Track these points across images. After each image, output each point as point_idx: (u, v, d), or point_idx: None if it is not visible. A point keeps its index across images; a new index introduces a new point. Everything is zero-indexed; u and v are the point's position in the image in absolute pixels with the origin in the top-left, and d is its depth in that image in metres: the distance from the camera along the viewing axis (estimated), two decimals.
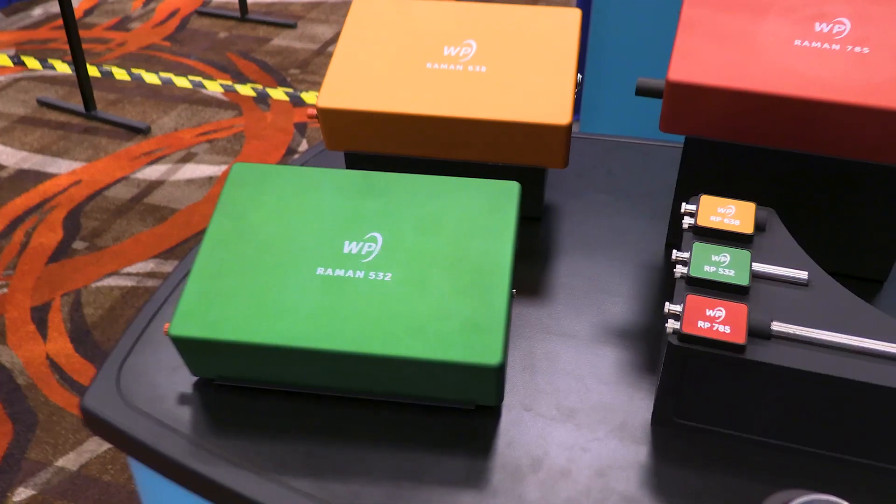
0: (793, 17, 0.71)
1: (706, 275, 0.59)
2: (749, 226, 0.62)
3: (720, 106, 0.67)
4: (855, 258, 0.74)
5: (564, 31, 0.81)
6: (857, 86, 0.65)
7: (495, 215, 0.64)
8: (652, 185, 0.88)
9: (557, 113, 0.74)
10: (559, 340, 0.69)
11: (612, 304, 0.73)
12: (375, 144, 0.78)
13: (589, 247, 0.79)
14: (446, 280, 0.60)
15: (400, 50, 0.80)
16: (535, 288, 0.75)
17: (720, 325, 0.56)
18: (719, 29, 0.70)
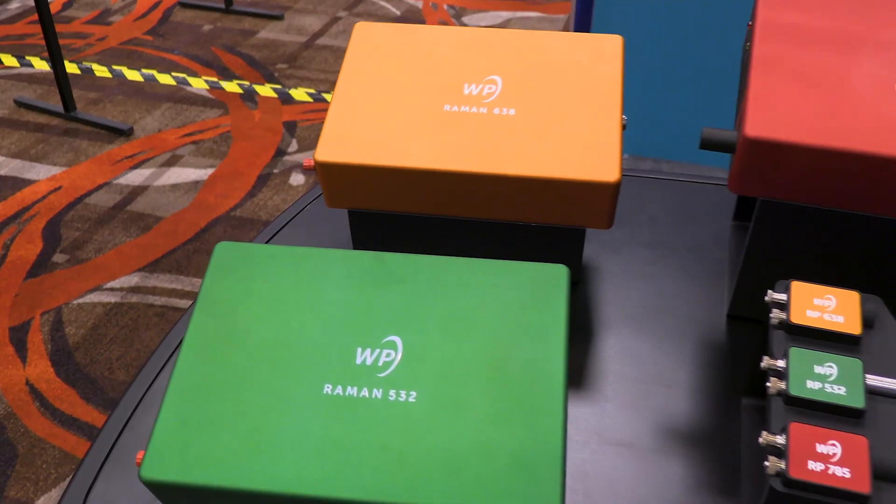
0: (889, 54, 0.58)
1: (810, 393, 0.47)
2: (856, 323, 0.51)
3: (808, 166, 0.55)
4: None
5: (604, 62, 0.69)
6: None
7: (541, 310, 0.52)
8: (701, 236, 0.76)
9: (603, 167, 0.62)
10: (616, 452, 0.57)
11: (672, 399, 0.61)
12: (385, 202, 0.66)
13: (636, 319, 0.67)
14: (485, 400, 0.49)
15: (411, 89, 0.68)
16: (580, 376, 0.63)
17: (836, 467, 0.44)
18: (803, 69, 0.58)
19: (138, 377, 0.64)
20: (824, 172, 0.55)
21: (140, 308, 1.88)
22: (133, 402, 0.61)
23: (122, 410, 0.60)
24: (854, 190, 0.56)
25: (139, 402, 0.61)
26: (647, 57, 2.04)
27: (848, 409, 0.47)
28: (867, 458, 0.45)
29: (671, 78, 2.04)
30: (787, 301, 0.52)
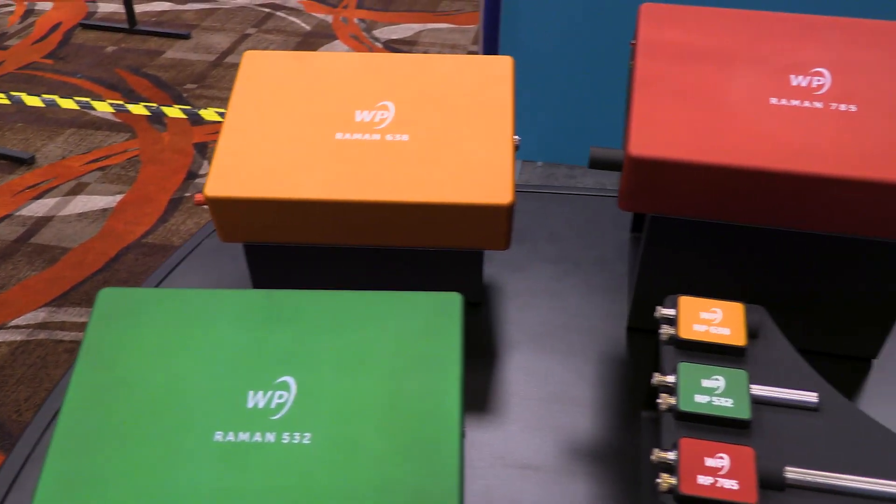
0: (765, 69, 0.60)
1: (698, 407, 0.48)
2: (741, 335, 0.52)
3: (692, 181, 0.57)
4: (844, 337, 0.65)
5: (495, 83, 0.69)
6: (847, 154, 0.55)
7: (436, 339, 0.52)
8: (604, 249, 0.77)
9: (496, 190, 0.62)
10: (521, 475, 0.57)
11: (575, 416, 0.61)
12: (280, 235, 0.65)
13: (539, 338, 0.68)
14: (381, 436, 0.48)
15: (302, 118, 0.67)
16: (483, 399, 0.63)
17: (725, 480, 0.45)
18: (683, 87, 0.60)
19: (35, 419, 0.61)
20: (707, 187, 0.57)
21: (48, 345, 1.80)
22: (29, 445, 0.59)
23: (17, 455, 0.58)
24: (736, 202, 0.57)
25: (33, 449, 0.59)
26: (558, 63, 2.07)
27: (735, 420, 0.48)
28: (754, 469, 0.46)
29: (581, 84, 2.08)
30: (675, 316, 0.53)
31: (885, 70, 0.60)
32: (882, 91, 0.58)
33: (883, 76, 0.59)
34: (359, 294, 0.55)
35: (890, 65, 0.60)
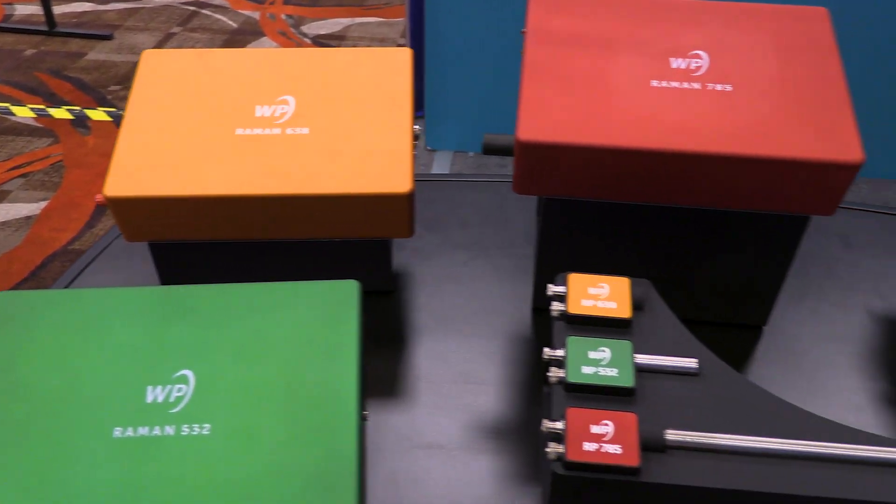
0: (646, 53, 0.63)
1: (585, 378, 0.51)
2: (626, 308, 0.54)
3: (578, 163, 0.59)
4: (734, 306, 0.68)
5: (395, 75, 0.70)
6: (722, 131, 0.58)
7: (333, 327, 0.53)
8: (510, 234, 0.79)
9: (396, 179, 0.63)
10: (425, 455, 0.59)
11: (481, 396, 0.63)
12: (184, 232, 0.65)
13: (448, 322, 0.70)
14: (279, 423, 0.49)
15: (202, 115, 0.67)
16: (391, 385, 0.64)
17: (609, 445, 0.47)
18: (568, 71, 0.62)
19: None
20: (594, 168, 0.59)
21: None
22: None
23: None
24: (622, 182, 0.59)
25: None
26: (485, 54, 2.09)
27: (620, 388, 0.50)
28: (636, 433, 0.48)
29: (509, 74, 2.10)
30: (565, 293, 0.55)
31: (757, 51, 0.63)
32: (755, 71, 0.61)
33: (756, 56, 0.62)
34: (257, 286, 0.56)
35: (762, 45, 0.63)
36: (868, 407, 0.63)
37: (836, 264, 0.77)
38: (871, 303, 0.73)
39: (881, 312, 0.71)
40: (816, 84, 0.60)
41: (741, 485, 0.47)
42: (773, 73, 0.61)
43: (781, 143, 0.57)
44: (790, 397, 0.63)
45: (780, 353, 0.68)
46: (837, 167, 0.56)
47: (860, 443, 0.48)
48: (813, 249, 0.78)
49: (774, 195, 0.59)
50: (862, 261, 0.77)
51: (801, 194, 0.59)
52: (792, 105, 0.59)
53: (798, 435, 0.49)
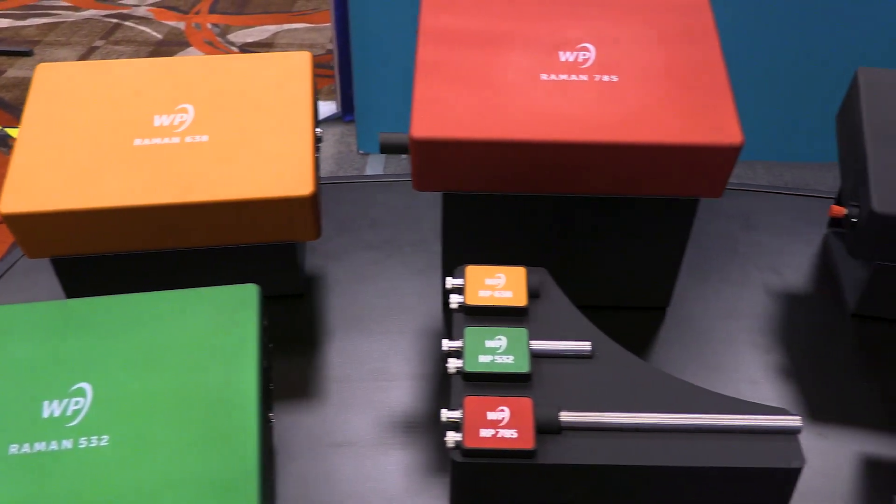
0: (536, 48, 0.64)
1: (482, 367, 0.52)
2: (522, 296, 0.56)
3: (473, 158, 0.60)
4: (635, 289, 0.71)
5: (294, 79, 0.71)
6: (609, 121, 0.59)
7: (232, 332, 0.53)
8: (421, 231, 0.80)
9: (297, 182, 0.64)
10: (336, 453, 0.59)
11: (393, 392, 0.64)
12: (85, 246, 0.65)
13: (359, 322, 0.70)
14: (180, 431, 0.49)
15: (99, 127, 0.67)
16: (301, 387, 0.65)
17: (505, 430, 0.49)
18: (460, 69, 0.63)
19: None
20: (488, 162, 0.60)
21: None
22: None
23: None
24: (516, 174, 0.61)
25: None
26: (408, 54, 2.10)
27: (516, 375, 0.52)
28: (531, 417, 0.49)
29: None
30: (463, 285, 0.56)
31: (642, 41, 0.65)
32: (640, 61, 0.63)
33: (640, 47, 0.64)
34: (155, 294, 0.56)
35: (646, 36, 0.65)
36: (764, 380, 0.66)
37: (737, 244, 0.80)
38: (768, 280, 0.75)
39: (778, 288, 0.74)
40: (698, 72, 0.63)
41: (632, 460, 0.48)
42: (656, 63, 0.63)
43: (665, 129, 0.59)
44: (692, 374, 0.66)
45: (683, 332, 0.70)
46: (719, 150, 0.59)
47: (744, 412, 0.50)
48: (716, 231, 0.81)
49: (663, 180, 0.61)
50: (762, 240, 0.80)
51: (688, 178, 0.61)
52: (675, 93, 0.61)
53: (687, 409, 0.50)
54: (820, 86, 1.99)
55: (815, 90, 2.00)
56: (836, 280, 0.75)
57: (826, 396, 0.65)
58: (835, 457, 0.60)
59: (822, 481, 0.59)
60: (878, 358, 0.67)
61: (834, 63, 1.95)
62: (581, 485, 0.50)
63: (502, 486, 0.50)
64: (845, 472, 0.59)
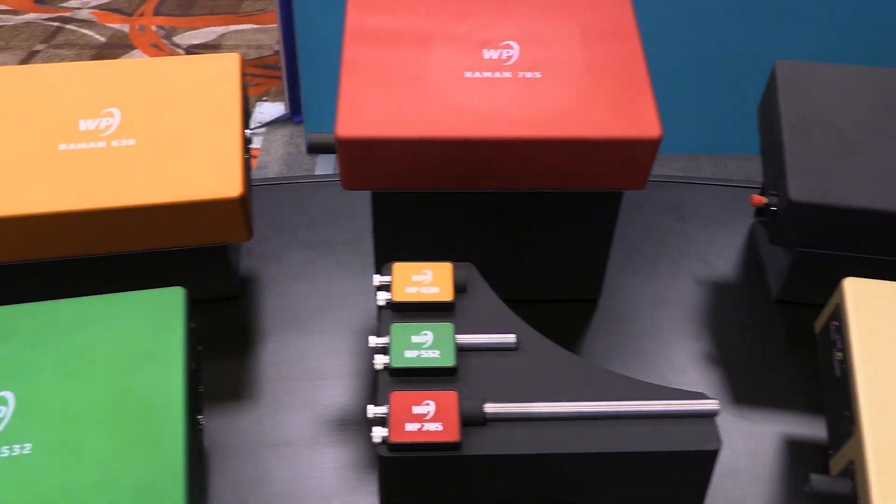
0: (460, 46, 0.65)
1: (409, 362, 0.52)
2: (448, 291, 0.56)
3: (399, 156, 0.61)
4: (565, 282, 0.72)
5: (222, 81, 0.71)
6: (533, 117, 0.60)
7: (158, 335, 0.53)
8: (357, 230, 0.80)
9: (226, 184, 0.64)
10: (270, 452, 0.60)
11: (328, 391, 0.65)
12: (13, 253, 0.64)
13: (295, 322, 0.70)
14: (105, 436, 0.49)
15: (22, 132, 0.66)
16: (236, 388, 0.65)
17: (431, 424, 0.49)
18: (385, 68, 0.63)
19: None
20: (414, 160, 0.61)
21: None
22: None
23: None
24: (443, 171, 0.62)
25: None
26: None
27: (442, 369, 0.52)
28: (457, 410, 0.50)
29: None
30: (390, 282, 0.57)
31: (564, 39, 0.66)
32: (562, 58, 0.65)
33: (563, 44, 0.66)
34: (80, 300, 0.55)
35: (569, 33, 0.66)
36: (691, 367, 0.68)
37: (668, 236, 0.82)
38: (697, 269, 0.77)
39: (706, 278, 0.76)
40: (619, 68, 0.64)
41: (554, 448, 0.49)
42: (578, 60, 0.64)
43: (587, 124, 0.60)
44: (621, 364, 0.67)
45: (614, 323, 0.72)
46: (639, 143, 0.60)
47: (664, 398, 0.52)
48: (647, 223, 0.83)
49: (587, 174, 0.62)
50: (691, 231, 0.82)
51: (611, 171, 0.62)
52: (596, 88, 0.63)
53: (608, 397, 0.52)
54: (763, 79, 2.04)
55: (758, 84, 2.05)
56: (761, 268, 0.77)
57: (750, 381, 0.67)
58: (759, 439, 0.62)
59: (747, 462, 0.61)
60: (801, 342, 0.70)
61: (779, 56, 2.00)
62: (507, 475, 0.51)
63: (430, 480, 0.51)
64: (769, 453, 0.61)
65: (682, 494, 0.53)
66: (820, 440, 0.62)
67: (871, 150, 0.67)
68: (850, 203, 0.64)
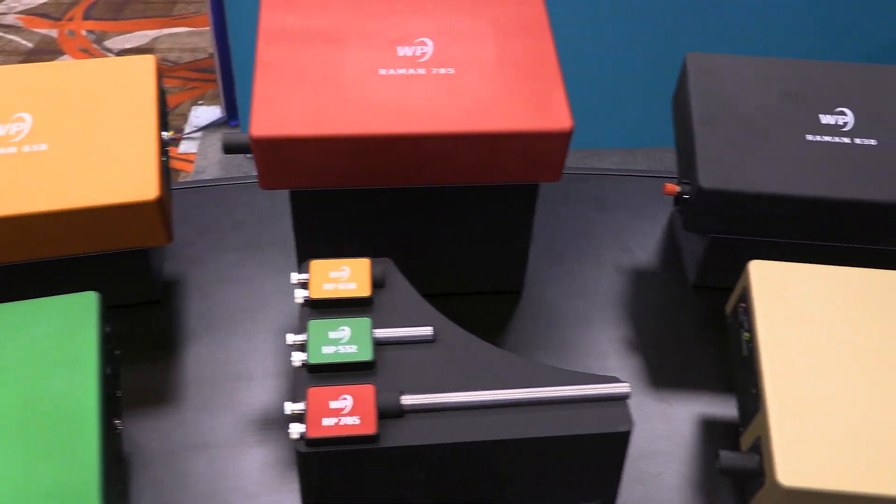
0: (374, 44, 0.66)
1: (326, 358, 0.53)
2: (366, 287, 0.57)
3: (315, 155, 0.61)
4: (488, 275, 0.73)
5: (137, 83, 0.70)
6: (447, 112, 0.61)
7: (71, 341, 0.53)
8: (283, 230, 0.80)
9: (142, 187, 0.63)
10: (193, 454, 0.59)
11: (252, 390, 0.64)
12: None
13: (220, 324, 0.70)
14: (17, 444, 0.48)
15: None
16: (159, 392, 0.64)
17: (348, 418, 0.50)
18: (300, 67, 0.64)
19: None
20: (330, 158, 0.61)
21: None
22: None
23: None
24: (359, 168, 0.62)
25: None
26: None
27: (359, 363, 0.53)
28: (374, 403, 0.51)
29: None
30: (308, 279, 0.57)
31: (478, 35, 0.67)
32: (476, 53, 0.66)
33: (476, 40, 0.67)
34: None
35: (482, 30, 0.67)
36: (612, 353, 0.69)
37: (591, 226, 0.83)
38: (619, 258, 0.79)
39: (627, 266, 0.78)
40: (531, 62, 0.65)
41: (470, 437, 0.50)
42: (491, 55, 0.66)
43: (500, 118, 0.61)
44: (545, 353, 0.68)
45: (537, 313, 0.73)
46: (551, 135, 0.61)
47: (577, 383, 0.53)
48: (570, 214, 0.84)
49: (502, 167, 0.63)
50: (614, 221, 0.84)
51: (525, 164, 0.63)
52: (509, 83, 0.64)
53: (524, 384, 0.53)
54: None
55: None
56: (679, 255, 0.79)
57: (668, 364, 0.69)
58: (675, 420, 0.64)
59: (665, 443, 0.63)
60: (716, 325, 0.72)
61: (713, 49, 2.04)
62: (426, 466, 0.51)
63: (350, 474, 0.51)
64: (684, 433, 0.63)
65: (598, 476, 0.55)
66: (733, 419, 0.64)
67: (776, 138, 0.69)
68: (758, 189, 0.67)
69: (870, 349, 0.56)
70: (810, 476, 0.51)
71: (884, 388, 0.54)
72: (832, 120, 0.71)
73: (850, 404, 0.53)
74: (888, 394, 0.54)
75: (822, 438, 0.52)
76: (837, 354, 0.56)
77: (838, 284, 0.60)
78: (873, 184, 0.67)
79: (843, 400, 0.54)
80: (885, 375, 0.55)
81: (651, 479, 0.60)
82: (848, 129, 0.70)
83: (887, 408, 0.53)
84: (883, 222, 0.68)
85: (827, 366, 0.55)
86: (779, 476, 0.51)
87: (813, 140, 0.69)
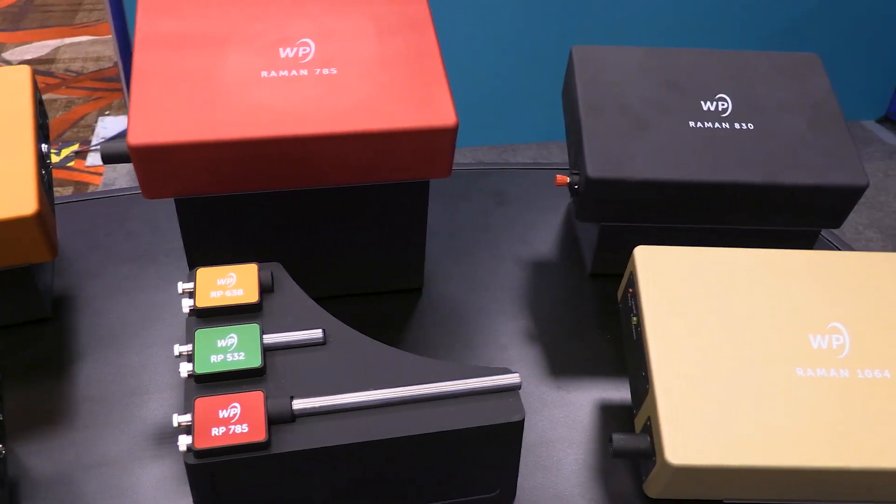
0: (255, 47, 0.65)
1: (213, 367, 0.52)
2: (254, 293, 0.56)
3: (197, 161, 0.60)
4: (386, 275, 0.73)
5: (13, 95, 0.67)
6: (331, 113, 0.61)
7: None
8: (178, 240, 0.78)
9: (20, 202, 0.61)
10: (85, 475, 0.58)
11: (150, 405, 0.63)
12: None
13: (115, 339, 0.68)
14: None
15: None
16: (48, 413, 0.62)
17: (237, 426, 0.49)
18: (179, 73, 0.62)
19: None
20: (214, 164, 0.60)
21: None
22: None
23: None
24: (245, 173, 0.61)
25: None
26: None
27: (248, 370, 0.52)
28: (263, 410, 0.50)
29: None
30: (193, 288, 0.56)
31: (360, 34, 0.67)
32: (358, 53, 0.65)
33: (359, 40, 0.66)
34: None
35: (364, 29, 0.67)
36: (512, 344, 0.70)
37: (490, 220, 0.84)
38: (518, 251, 0.80)
39: (526, 258, 0.79)
40: (414, 60, 0.65)
41: (362, 437, 0.50)
42: (374, 54, 0.65)
43: (385, 116, 0.61)
44: (446, 348, 0.69)
45: (438, 309, 0.73)
46: (436, 132, 0.61)
47: (469, 377, 0.53)
48: (470, 209, 0.85)
49: (390, 165, 0.63)
50: (512, 214, 0.85)
51: (413, 161, 0.63)
52: (393, 81, 0.64)
53: (416, 381, 0.53)
54: None
55: None
56: (576, 244, 0.81)
57: (567, 352, 0.70)
58: (573, 406, 0.65)
59: (564, 430, 0.64)
60: (612, 312, 0.73)
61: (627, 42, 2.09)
62: (320, 470, 0.51)
63: (243, 483, 0.50)
64: (583, 419, 0.64)
65: (496, 467, 0.55)
66: (629, 403, 0.65)
67: (659, 126, 0.71)
68: (644, 176, 0.68)
69: (753, 327, 0.58)
70: (698, 453, 0.53)
71: (766, 366, 0.56)
72: (712, 106, 0.73)
73: (734, 382, 0.55)
74: (771, 371, 0.56)
75: (709, 416, 0.54)
76: (722, 334, 0.58)
77: (722, 265, 0.62)
78: (752, 166, 0.69)
79: (729, 378, 0.55)
80: (768, 352, 0.57)
81: (551, 466, 0.61)
82: (727, 114, 0.72)
83: (770, 384, 0.55)
84: (763, 202, 0.70)
85: (712, 345, 0.57)
86: (667, 455, 0.52)
87: (695, 126, 0.71)
